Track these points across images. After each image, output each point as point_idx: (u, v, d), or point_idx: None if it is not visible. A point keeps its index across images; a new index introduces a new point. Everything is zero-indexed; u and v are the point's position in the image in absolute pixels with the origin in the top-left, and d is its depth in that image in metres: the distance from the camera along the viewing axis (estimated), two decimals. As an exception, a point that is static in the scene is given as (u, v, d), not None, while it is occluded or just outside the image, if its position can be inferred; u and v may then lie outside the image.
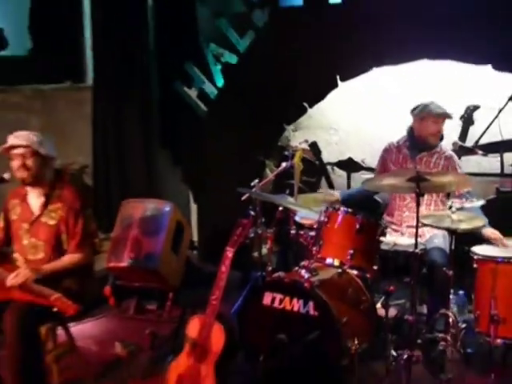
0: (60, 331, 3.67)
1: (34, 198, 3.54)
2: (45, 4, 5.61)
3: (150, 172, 5.49)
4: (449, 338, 3.57)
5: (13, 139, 3.43)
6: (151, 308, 4.72)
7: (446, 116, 4.08)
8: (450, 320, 3.61)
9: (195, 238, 5.47)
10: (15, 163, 3.43)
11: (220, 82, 5.34)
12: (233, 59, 5.26)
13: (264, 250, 4.45)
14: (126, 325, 4.56)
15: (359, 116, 4.96)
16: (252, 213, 4.05)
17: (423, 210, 3.93)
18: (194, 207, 5.69)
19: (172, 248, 4.54)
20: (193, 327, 3.31)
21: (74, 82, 5.77)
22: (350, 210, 3.66)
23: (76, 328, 3.83)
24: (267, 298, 3.57)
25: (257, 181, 4.27)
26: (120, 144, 5.48)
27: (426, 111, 4.05)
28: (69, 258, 3.47)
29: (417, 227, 3.44)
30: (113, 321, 4.62)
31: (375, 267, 3.62)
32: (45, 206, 3.49)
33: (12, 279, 3.19)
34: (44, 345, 3.53)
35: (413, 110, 4.12)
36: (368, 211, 3.76)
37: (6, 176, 3.48)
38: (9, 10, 5.61)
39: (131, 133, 5.47)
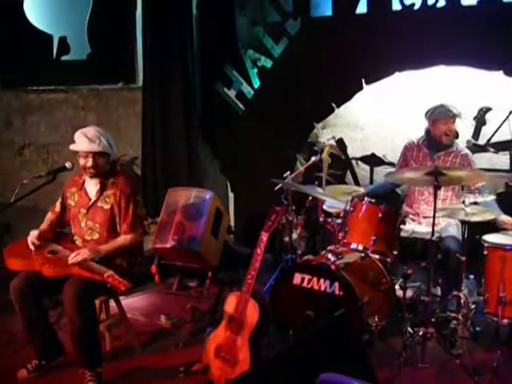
0: (112, 304, 3.73)
1: (91, 186, 3.57)
2: (102, 14, 5.63)
3: (192, 163, 5.48)
4: (460, 317, 3.56)
5: (84, 141, 3.43)
6: (192, 285, 4.74)
7: (454, 116, 4.00)
8: (462, 301, 3.59)
9: (232, 223, 5.46)
10: (81, 162, 3.48)
11: (256, 84, 5.31)
12: (268, 63, 5.23)
13: (294, 236, 4.43)
14: (169, 300, 4.59)
15: (382, 115, 4.89)
16: (284, 201, 4.03)
17: (439, 204, 3.87)
18: (231, 196, 5.68)
19: (212, 232, 4.54)
20: (230, 303, 3.29)
21: (126, 83, 5.78)
22: (373, 200, 3.64)
23: (126, 301, 3.87)
24: (297, 278, 3.56)
25: (288, 173, 4.26)
26: (166, 138, 5.48)
27: (435, 113, 4.01)
28: (122, 239, 3.49)
29: (434, 217, 3.40)
30: (158, 296, 4.65)
31: (395, 252, 3.61)
32: (100, 192, 3.52)
33: (73, 257, 3.23)
34: (98, 315, 3.59)
35: (426, 114, 4.08)
36: (389, 202, 3.72)
37: (68, 165, 3.52)
38: (71, 20, 5.64)
39: (176, 129, 5.46)
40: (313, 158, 4.35)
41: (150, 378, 3.44)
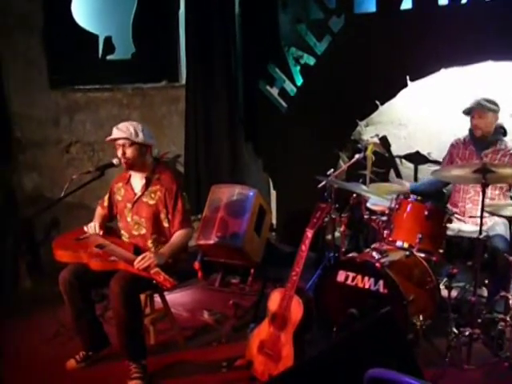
0: (157, 298, 3.79)
1: (137, 181, 3.63)
2: (146, 13, 5.70)
3: (234, 161, 5.51)
4: (508, 318, 3.47)
5: (115, 132, 3.52)
6: (235, 282, 4.77)
7: (484, 110, 3.88)
8: (510, 302, 3.49)
9: (274, 221, 5.47)
10: (118, 152, 3.53)
11: (299, 82, 5.30)
12: (311, 61, 5.21)
13: (337, 234, 4.42)
14: (212, 296, 4.63)
15: (427, 112, 4.82)
16: (328, 199, 4.03)
17: (486, 203, 3.79)
18: (273, 194, 5.69)
19: (255, 229, 4.57)
20: (274, 299, 3.30)
21: (169, 81, 5.83)
22: (419, 197, 3.60)
23: (170, 296, 3.91)
24: (341, 276, 3.55)
25: (332, 170, 4.25)
26: (208, 136, 5.52)
27: (468, 107, 3.95)
28: (178, 235, 3.52)
29: (481, 215, 3.34)
30: (201, 292, 4.70)
31: (441, 251, 3.56)
32: (146, 187, 3.57)
33: (138, 262, 3.24)
34: (143, 309, 3.65)
35: (463, 111, 4.00)
36: (434, 201, 3.67)
37: (115, 161, 3.58)
38: (116, 20, 5.72)
39: (218, 126, 5.50)
40: (356, 156, 4.34)
41: (193, 372, 3.49)
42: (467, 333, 3.38)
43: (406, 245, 3.56)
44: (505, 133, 4.04)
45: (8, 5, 4.99)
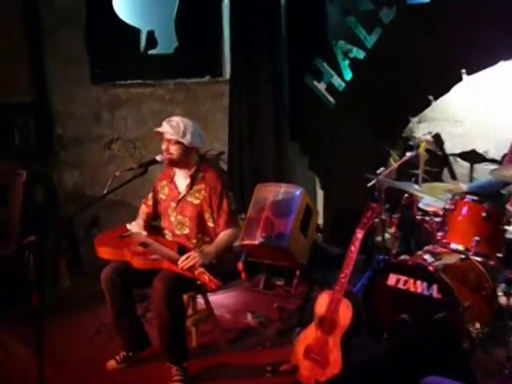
0: (199, 299, 3.82)
1: (181, 179, 3.66)
2: (189, 7, 5.75)
3: (279, 159, 5.51)
4: None
5: (165, 125, 3.54)
6: (279, 284, 4.76)
7: None
8: None
9: (320, 221, 5.44)
10: (163, 145, 3.57)
11: (348, 76, 5.27)
12: (360, 54, 5.17)
13: (387, 235, 4.37)
14: (256, 298, 4.63)
15: (484, 109, 4.70)
16: (378, 198, 3.99)
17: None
18: (320, 193, 5.67)
19: (301, 229, 4.56)
20: (321, 302, 3.29)
21: (213, 77, 5.88)
22: (476, 198, 3.52)
23: (212, 297, 3.91)
24: (392, 279, 3.52)
25: (382, 169, 4.20)
26: (253, 132, 5.53)
27: None
28: (224, 235, 3.55)
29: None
30: (244, 293, 4.71)
31: (499, 255, 3.47)
32: (190, 186, 3.60)
33: (183, 262, 3.27)
34: (185, 310, 3.68)
35: None
36: (492, 201, 3.59)
37: (159, 158, 3.60)
38: (158, 14, 5.79)
39: (263, 122, 5.50)
40: (408, 154, 4.28)
41: (235, 376, 3.50)
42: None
43: (461, 247, 3.49)
44: None
45: (50, 0, 5.11)
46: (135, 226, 3.62)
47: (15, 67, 5.03)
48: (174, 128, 3.50)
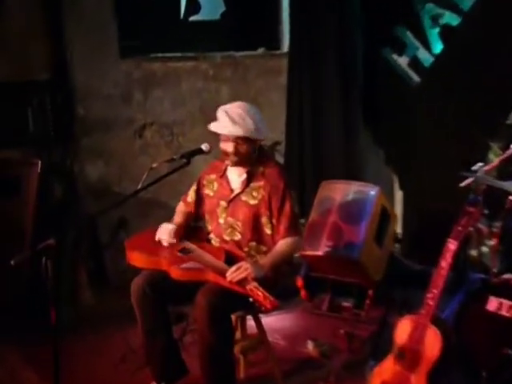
0: (250, 321, 3.80)
1: (235, 174, 3.67)
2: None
3: (348, 151, 5.49)
4: None
5: (225, 122, 3.50)
6: (347, 305, 4.72)
7: None
8: None
9: (399, 229, 5.38)
10: (221, 145, 3.57)
11: (437, 48, 5.18)
12: (454, 20, 5.05)
13: (484, 249, 4.29)
14: (317, 322, 4.63)
15: None
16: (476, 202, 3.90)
17: None
18: (398, 194, 5.61)
19: (375, 238, 4.53)
20: (402, 329, 3.24)
21: (267, 49, 5.89)
22: None
23: (265, 320, 3.88)
24: (492, 304, 3.45)
25: (480, 165, 4.11)
26: (317, 118, 5.51)
27: None
28: (284, 244, 3.53)
29: None
30: (304, 316, 4.71)
31: None
32: (246, 183, 3.61)
33: (232, 273, 3.26)
34: (234, 333, 3.66)
35: None
36: None
37: (204, 147, 3.60)
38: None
39: (330, 106, 5.48)
40: (513, 147, 4.18)
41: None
42: None
43: None
44: None
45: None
46: (164, 230, 3.62)
47: (29, 38, 5.15)
48: (241, 126, 3.48)
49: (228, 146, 3.53)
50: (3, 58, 5.04)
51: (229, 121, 3.48)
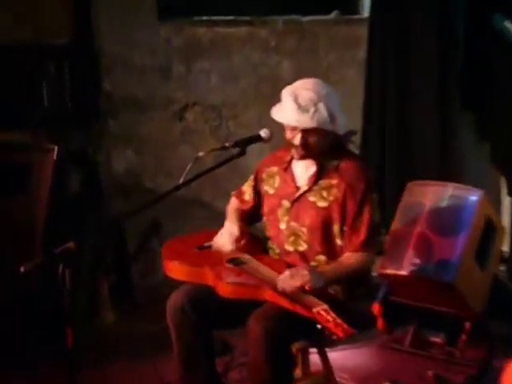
0: (313, 355, 3.79)
1: (302, 167, 3.64)
2: None
3: (443, 145, 5.44)
4: None
5: (291, 107, 3.45)
6: (437, 341, 4.63)
7: None
8: None
9: (506, 246, 5.28)
10: (287, 134, 3.54)
11: None
12: None
13: None
14: (398, 360, 4.60)
15: None
16: None
17: None
18: (506, 201, 5.54)
19: (476, 256, 4.44)
20: (510, 377, 3.18)
21: (342, 13, 5.87)
22: None
23: (332, 354, 3.85)
24: None
25: None
26: (403, 102, 5.49)
27: None
28: (353, 259, 3.50)
29: None
30: (380, 352, 4.68)
31: None
32: (315, 179, 3.56)
33: (284, 281, 3.25)
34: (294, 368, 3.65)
35: None
36: None
37: (264, 134, 3.57)
38: None
39: (421, 88, 5.45)
40: None
41: None
42: None
43: None
44: None
45: None
46: (228, 235, 3.61)
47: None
48: (308, 111, 3.42)
49: (295, 138, 3.49)
50: (9, 13, 5.10)
51: (296, 108, 3.43)
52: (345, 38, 5.77)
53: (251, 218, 3.82)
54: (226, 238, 3.59)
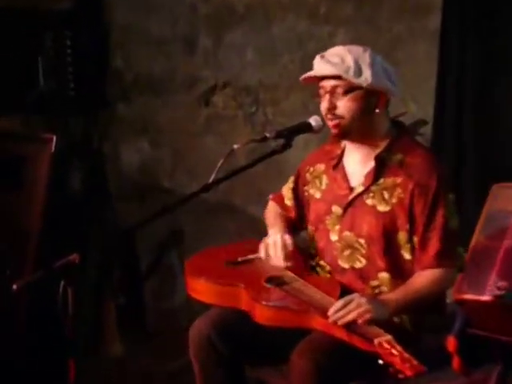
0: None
1: (356, 163, 3.64)
2: None
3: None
4: None
5: (319, 63, 3.53)
6: (528, 387, 4.63)
7: None
8: None
9: None
10: (322, 103, 3.55)
11: None
12: None
13: None
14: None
15: None
16: None
17: None
18: None
19: None
20: None
21: (410, -28, 5.85)
22: None
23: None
24: None
25: None
26: (487, 87, 5.43)
27: None
28: (426, 279, 3.49)
29: None
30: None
31: None
32: (374, 177, 3.56)
33: (337, 311, 3.22)
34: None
35: None
36: None
37: (314, 122, 3.55)
38: None
39: (510, 65, 5.39)
40: None
41: None
42: None
43: None
44: None
45: None
46: (277, 244, 3.59)
47: None
48: (336, 63, 3.47)
49: (323, 104, 3.53)
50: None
51: (321, 61, 3.52)
52: (414, 3, 5.71)
53: (293, 225, 3.85)
54: (278, 250, 3.58)
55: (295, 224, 3.85)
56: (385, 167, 3.56)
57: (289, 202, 3.86)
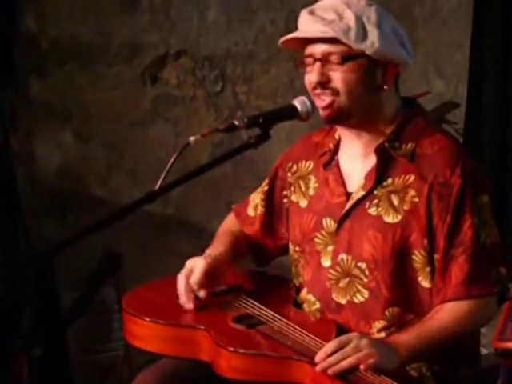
0: None
1: (354, 160, 3.68)
2: None
3: None
4: None
5: (306, 20, 3.52)
6: None
7: None
8: None
9: None
10: (309, 76, 3.53)
11: None
12: None
13: None
14: None
15: None
16: None
17: None
18: None
19: None
20: None
21: None
22: None
23: None
24: None
25: None
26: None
27: None
28: (447, 315, 3.46)
29: None
30: None
31: None
32: (377, 177, 3.60)
33: (328, 355, 3.24)
34: None
35: None
36: None
37: (299, 105, 3.58)
38: None
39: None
40: None
41: None
42: None
43: None
44: None
45: None
46: (182, 275, 3.64)
47: None
48: (329, 22, 3.47)
49: (310, 75, 3.51)
50: None
51: (309, 18, 3.52)
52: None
53: (260, 246, 3.91)
54: (181, 283, 3.64)
55: (256, 244, 3.91)
56: (390, 162, 3.56)
57: (253, 211, 3.91)
